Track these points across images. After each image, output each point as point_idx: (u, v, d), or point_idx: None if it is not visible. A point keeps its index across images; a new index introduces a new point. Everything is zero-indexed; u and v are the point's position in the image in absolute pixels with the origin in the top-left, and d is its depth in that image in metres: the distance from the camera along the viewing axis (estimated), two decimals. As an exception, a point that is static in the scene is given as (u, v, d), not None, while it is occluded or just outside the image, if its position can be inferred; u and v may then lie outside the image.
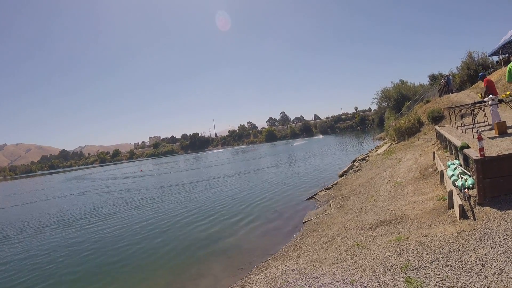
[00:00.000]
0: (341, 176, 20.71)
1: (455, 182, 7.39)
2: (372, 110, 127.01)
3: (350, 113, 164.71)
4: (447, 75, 32.68)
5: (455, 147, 9.47)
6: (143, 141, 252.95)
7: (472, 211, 6.34)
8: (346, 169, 22.09)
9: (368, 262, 6.04)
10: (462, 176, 7.40)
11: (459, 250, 5.22)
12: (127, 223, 16.65)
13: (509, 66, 8.35)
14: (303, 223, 12.23)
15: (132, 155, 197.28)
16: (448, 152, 11.57)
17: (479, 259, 4.74)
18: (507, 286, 4.05)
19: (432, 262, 5.13)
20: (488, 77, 12.92)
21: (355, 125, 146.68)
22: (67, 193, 37.50)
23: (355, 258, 6.52)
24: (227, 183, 26.45)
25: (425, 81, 51.74)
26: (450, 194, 7.19)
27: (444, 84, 30.23)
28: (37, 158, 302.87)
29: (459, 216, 6.35)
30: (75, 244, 14.12)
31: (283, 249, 9.69)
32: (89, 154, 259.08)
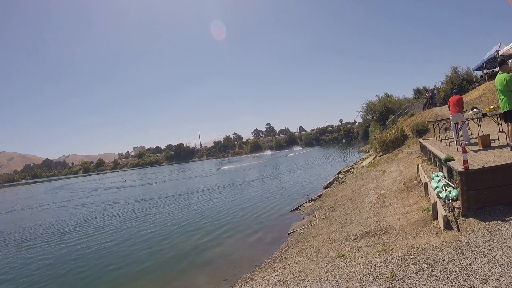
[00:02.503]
0: (326, 187, 20.76)
1: (439, 194, 7.46)
2: (357, 123, 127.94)
3: (335, 126, 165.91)
4: (431, 89, 33.24)
5: (439, 159, 9.59)
6: (128, 151, 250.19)
7: (456, 222, 6.40)
8: (331, 180, 22.19)
9: (354, 272, 6.04)
10: (446, 188, 7.48)
11: (444, 260, 5.26)
12: (108, 235, 16.37)
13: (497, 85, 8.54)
14: (289, 234, 12.20)
15: (116, 165, 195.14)
16: (432, 165, 11.71)
17: (464, 269, 4.78)
18: (491, 296, 4.09)
19: (417, 272, 5.16)
20: (472, 91, 13.17)
21: (340, 137, 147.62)
22: (50, 204, 36.68)
23: (340, 268, 6.52)
24: (212, 195, 26.24)
25: (410, 94, 52.63)
26: (435, 205, 7.26)
27: (429, 98, 30.74)
28: (20, 167, 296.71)
29: (444, 227, 6.41)
30: (56, 258, 13.82)
31: (269, 260, 9.63)
32: (72, 163, 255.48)
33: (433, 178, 8.80)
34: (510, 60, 21.45)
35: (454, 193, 6.99)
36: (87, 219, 21.80)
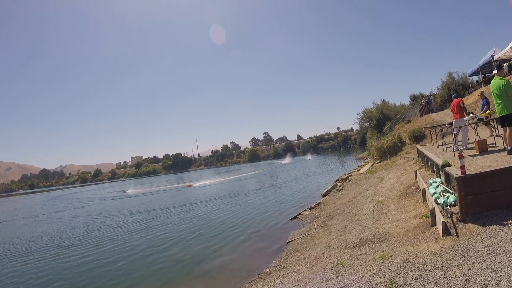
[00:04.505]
0: (324, 195, 20.71)
1: (437, 200, 7.44)
2: (354, 130, 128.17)
3: (333, 133, 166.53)
4: (428, 95, 33.34)
5: (437, 165, 9.58)
6: (125, 161, 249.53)
7: (455, 227, 6.38)
8: (329, 188, 22.15)
9: (353, 280, 6.00)
10: (444, 193, 7.46)
11: (443, 266, 5.23)
12: (106, 246, 16.28)
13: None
14: (287, 243, 12.14)
15: (113, 175, 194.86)
16: (430, 171, 11.69)
17: (463, 275, 4.74)
18: (491, 302, 4.06)
19: (416, 279, 5.12)
20: (468, 96, 13.23)
21: (338, 145, 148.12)
22: (48, 215, 36.38)
23: (340, 277, 6.47)
24: (210, 205, 26.09)
25: (406, 101, 52.74)
26: (433, 211, 7.24)
27: (425, 104, 30.80)
28: (17, 177, 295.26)
29: (442, 233, 6.39)
30: (54, 269, 13.71)
31: (268, 270, 9.57)
32: (70, 173, 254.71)
33: (431, 184, 8.79)
34: (505, 64, 21.61)
35: (452, 198, 6.97)
36: (85, 230, 21.61)
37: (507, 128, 8.17)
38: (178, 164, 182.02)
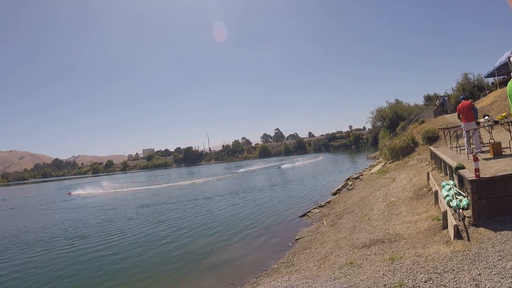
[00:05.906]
0: (334, 194, 20.65)
1: (450, 203, 7.38)
2: (366, 129, 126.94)
3: (345, 132, 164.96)
4: (442, 96, 32.91)
5: (450, 167, 9.50)
6: (137, 153, 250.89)
7: (467, 231, 6.32)
8: (339, 187, 22.06)
9: (362, 280, 5.98)
10: (456, 196, 7.39)
11: (453, 270, 5.19)
12: (115, 237, 16.42)
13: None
14: (296, 240, 12.14)
15: (125, 167, 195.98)
16: (443, 173, 11.59)
17: (473, 280, 4.71)
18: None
19: (426, 282, 5.09)
20: (483, 98, 13.03)
21: (349, 143, 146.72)
22: (57, 205, 36.84)
23: (348, 276, 6.46)
24: (220, 200, 26.15)
25: (420, 101, 52.04)
26: (445, 214, 7.17)
27: (439, 105, 30.43)
28: (30, 165, 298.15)
29: (453, 237, 6.33)
30: (62, 259, 13.88)
31: (275, 266, 9.58)
32: (82, 164, 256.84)
33: (443, 187, 8.72)
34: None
35: (464, 202, 6.91)
36: (96, 221, 21.77)
37: None
38: (189, 157, 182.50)
